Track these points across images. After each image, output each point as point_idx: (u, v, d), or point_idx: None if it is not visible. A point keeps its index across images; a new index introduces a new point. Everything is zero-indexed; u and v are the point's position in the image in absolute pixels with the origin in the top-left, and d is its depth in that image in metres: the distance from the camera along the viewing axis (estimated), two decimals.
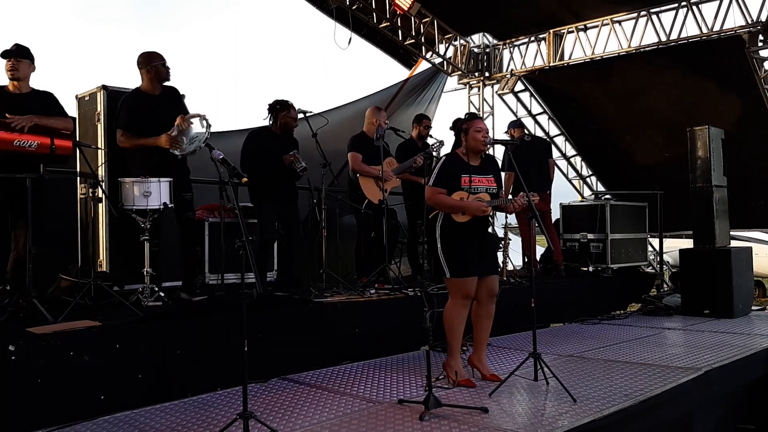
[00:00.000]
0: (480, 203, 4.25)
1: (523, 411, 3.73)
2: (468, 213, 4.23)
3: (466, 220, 4.24)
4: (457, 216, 4.24)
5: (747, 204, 9.78)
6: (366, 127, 6.69)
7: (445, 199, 4.23)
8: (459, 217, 4.24)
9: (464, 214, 4.23)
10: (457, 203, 4.23)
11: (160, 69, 5.19)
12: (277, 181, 5.83)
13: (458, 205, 4.23)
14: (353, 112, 9.07)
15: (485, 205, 4.25)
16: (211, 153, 4.74)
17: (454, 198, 4.23)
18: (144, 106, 5.14)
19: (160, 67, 5.19)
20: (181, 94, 5.37)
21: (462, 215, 4.23)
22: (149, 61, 5.19)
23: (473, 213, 4.22)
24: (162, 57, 5.22)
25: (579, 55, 10.38)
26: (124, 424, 3.62)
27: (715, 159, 7.75)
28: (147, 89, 5.23)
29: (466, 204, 4.22)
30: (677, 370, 4.66)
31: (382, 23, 9.80)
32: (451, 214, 4.25)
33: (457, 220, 4.24)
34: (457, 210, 4.24)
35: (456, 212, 4.24)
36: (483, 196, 4.30)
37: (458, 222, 4.23)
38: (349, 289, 6.01)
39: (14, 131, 4.34)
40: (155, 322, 4.27)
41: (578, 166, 12.18)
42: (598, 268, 8.20)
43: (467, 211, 4.22)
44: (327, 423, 3.56)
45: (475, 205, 4.23)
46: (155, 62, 5.18)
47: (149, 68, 5.18)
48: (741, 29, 8.82)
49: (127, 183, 4.91)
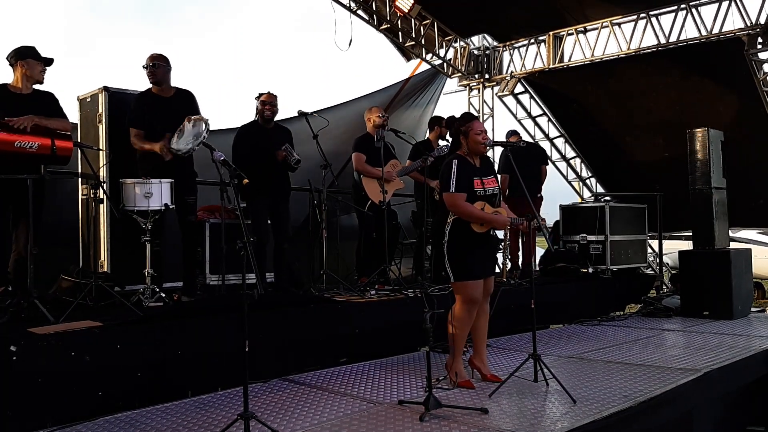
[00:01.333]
0: (504, 218, 4.27)
1: (523, 412, 3.74)
2: (486, 225, 4.24)
3: (484, 230, 4.25)
4: (476, 226, 4.23)
5: (747, 204, 9.81)
6: (368, 127, 6.70)
7: (470, 208, 4.19)
8: (477, 227, 4.23)
9: (482, 225, 4.24)
10: (483, 215, 4.21)
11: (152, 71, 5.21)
12: (269, 176, 5.72)
13: (484, 217, 4.22)
14: (353, 112, 9.08)
15: (507, 221, 4.28)
16: (212, 154, 4.76)
17: (477, 207, 4.21)
18: (153, 107, 5.19)
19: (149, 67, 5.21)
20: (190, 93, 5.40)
21: (480, 226, 4.24)
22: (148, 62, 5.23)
23: (497, 227, 4.25)
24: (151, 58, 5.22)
25: (579, 57, 10.39)
26: (125, 424, 3.62)
27: (714, 161, 7.76)
28: (156, 91, 5.29)
29: (492, 218, 4.23)
30: (677, 372, 4.67)
31: (383, 25, 9.82)
32: (470, 223, 4.23)
33: (476, 230, 4.23)
34: (482, 221, 4.23)
35: (477, 222, 4.23)
36: (502, 211, 4.31)
37: (475, 231, 4.23)
38: (349, 290, 6.02)
39: (16, 132, 4.36)
40: (156, 322, 4.28)
41: (578, 168, 12.20)
42: (597, 270, 8.21)
43: (487, 224, 4.24)
44: (327, 423, 3.57)
45: (499, 219, 4.25)
46: (147, 63, 5.22)
47: (147, 71, 5.23)
48: (740, 31, 8.84)
49: (129, 184, 4.92)
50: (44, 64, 4.71)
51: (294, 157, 5.69)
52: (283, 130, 6.00)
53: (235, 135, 5.91)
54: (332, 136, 7.34)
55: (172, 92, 5.32)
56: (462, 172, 4.24)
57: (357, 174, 6.52)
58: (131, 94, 5.55)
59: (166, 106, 5.22)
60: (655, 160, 10.65)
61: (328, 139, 6.69)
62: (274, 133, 5.88)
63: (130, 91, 5.60)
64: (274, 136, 5.85)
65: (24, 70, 4.64)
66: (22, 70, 4.64)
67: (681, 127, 8.38)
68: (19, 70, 4.65)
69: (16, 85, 4.67)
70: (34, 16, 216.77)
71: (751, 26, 8.74)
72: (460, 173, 4.23)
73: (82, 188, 5.65)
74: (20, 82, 4.66)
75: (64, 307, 4.27)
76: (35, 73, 4.67)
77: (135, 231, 4.97)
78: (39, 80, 4.72)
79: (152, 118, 5.16)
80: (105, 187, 5.16)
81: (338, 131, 7.84)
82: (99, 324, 4.04)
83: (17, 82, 4.67)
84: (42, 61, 4.69)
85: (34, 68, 4.66)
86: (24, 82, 4.66)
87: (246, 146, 5.76)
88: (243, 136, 5.85)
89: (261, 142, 5.76)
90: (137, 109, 5.24)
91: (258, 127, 5.89)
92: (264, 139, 5.79)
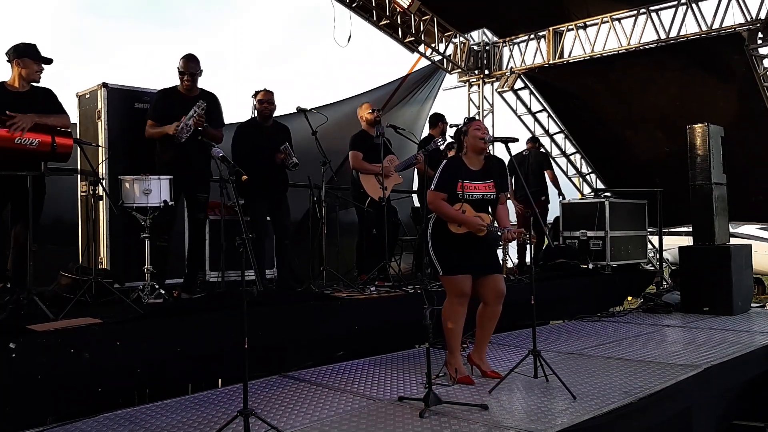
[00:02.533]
0: (478, 222, 4.19)
1: (523, 408, 3.74)
2: (464, 227, 4.22)
3: (462, 232, 4.22)
4: (453, 226, 4.22)
5: (746, 199, 9.82)
6: (362, 125, 6.68)
7: (446, 207, 4.20)
8: (455, 227, 4.22)
9: (460, 227, 4.22)
10: (456, 215, 4.20)
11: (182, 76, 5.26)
12: (267, 174, 5.71)
13: (457, 218, 4.20)
14: (351, 108, 9.08)
15: (483, 227, 4.20)
16: (211, 150, 4.75)
17: (456, 208, 4.21)
18: (171, 102, 5.22)
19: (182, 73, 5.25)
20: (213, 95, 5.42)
21: (458, 227, 4.22)
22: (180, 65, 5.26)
23: (469, 228, 4.21)
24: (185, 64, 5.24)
25: (579, 53, 10.39)
26: (125, 421, 3.62)
27: (714, 157, 7.75)
28: (181, 89, 5.32)
29: (465, 218, 4.19)
30: (677, 368, 4.67)
31: (382, 20, 9.80)
32: (447, 223, 4.23)
33: (452, 230, 4.21)
34: (456, 222, 4.22)
35: (453, 223, 4.23)
36: (484, 217, 4.26)
37: (452, 231, 4.21)
38: (349, 287, 6.01)
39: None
40: (155, 319, 4.28)
41: (578, 164, 12.20)
42: (597, 266, 8.21)
43: (464, 225, 4.22)
44: (327, 420, 3.57)
45: (473, 222, 4.19)
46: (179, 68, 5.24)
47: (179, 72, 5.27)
48: (740, 27, 8.83)
49: (128, 181, 4.92)
50: (42, 64, 4.66)
51: (292, 160, 5.67)
52: (281, 128, 5.99)
53: (234, 132, 5.87)
54: (329, 133, 7.33)
55: (197, 92, 5.32)
56: (447, 172, 4.26)
57: (355, 171, 6.51)
58: (131, 91, 5.54)
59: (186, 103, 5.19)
60: (655, 155, 10.66)
61: (327, 136, 6.68)
62: (272, 130, 5.87)
63: (129, 88, 5.60)
64: (272, 134, 5.83)
65: (20, 69, 4.60)
66: (18, 69, 4.60)
67: (681, 122, 8.37)
68: (15, 68, 4.61)
69: (13, 83, 4.63)
70: (33, 13, 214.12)
71: (751, 21, 8.73)
72: (444, 173, 4.27)
73: (81, 185, 5.65)
74: (17, 81, 4.62)
75: (63, 304, 4.26)
76: (31, 72, 4.62)
77: (134, 228, 4.97)
78: (35, 80, 4.67)
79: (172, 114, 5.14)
80: (104, 184, 5.15)
81: (336, 129, 7.83)
82: (98, 321, 4.03)
83: (14, 80, 4.63)
84: (40, 61, 4.64)
85: (31, 67, 4.61)
86: (20, 80, 4.62)
87: (244, 145, 5.74)
88: (241, 134, 5.82)
89: (259, 140, 5.74)
90: (159, 104, 5.25)
91: (256, 124, 5.87)
92: (262, 137, 5.77)
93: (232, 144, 5.78)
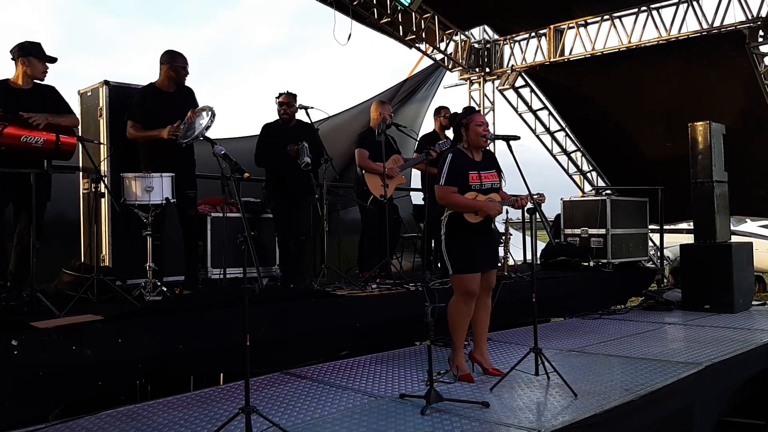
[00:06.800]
0: (495, 204, 4.23)
1: (524, 405, 3.74)
2: (481, 213, 4.21)
3: (479, 220, 4.22)
4: (470, 216, 4.21)
5: (750, 194, 9.83)
6: (372, 122, 6.68)
7: (459, 198, 4.19)
8: (472, 217, 4.21)
9: (477, 215, 4.22)
10: (473, 203, 4.20)
11: (180, 71, 5.30)
12: (287, 174, 5.81)
13: (474, 205, 4.19)
14: (358, 110, 9.11)
15: (500, 206, 4.25)
16: (213, 148, 4.75)
17: (468, 197, 4.22)
18: (157, 101, 5.21)
19: (181, 69, 5.30)
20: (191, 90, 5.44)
21: (475, 215, 4.22)
22: (172, 60, 5.28)
23: (488, 213, 4.21)
24: (185, 60, 5.31)
25: (579, 51, 10.39)
26: (126, 418, 3.63)
27: (715, 154, 7.74)
28: (162, 86, 5.32)
29: (483, 204, 4.20)
30: (678, 365, 4.67)
31: (383, 19, 9.79)
32: (463, 214, 4.22)
33: (469, 220, 4.21)
34: (473, 210, 4.21)
35: (470, 212, 4.22)
36: (494, 197, 4.28)
37: (470, 222, 4.22)
38: (350, 284, 6.02)
39: (26, 127, 4.35)
40: (157, 316, 4.28)
41: (579, 162, 12.19)
42: (599, 263, 8.21)
43: (481, 212, 4.22)
44: (329, 417, 3.57)
45: (490, 206, 4.21)
46: (177, 63, 5.28)
47: (171, 67, 5.28)
48: (741, 24, 8.83)
49: (130, 178, 4.92)
50: (47, 63, 4.67)
51: (303, 159, 5.68)
52: (305, 128, 6.05)
53: (260, 131, 6.10)
54: (338, 137, 7.38)
55: (173, 88, 5.33)
56: (455, 165, 4.24)
57: (360, 169, 6.50)
58: (132, 88, 5.54)
59: (169, 101, 5.22)
60: (657, 153, 10.66)
61: (333, 139, 6.72)
62: (294, 130, 5.96)
63: (130, 85, 5.60)
64: (294, 134, 5.91)
65: (25, 67, 4.61)
66: (23, 67, 4.61)
67: (682, 119, 8.37)
68: (20, 66, 4.62)
69: (17, 81, 4.64)
70: (33, 11, 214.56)
71: (752, 19, 8.74)
72: (453, 167, 4.23)
73: (83, 182, 5.65)
74: (21, 79, 4.63)
75: (65, 301, 4.27)
76: (36, 71, 4.64)
77: (136, 225, 4.97)
78: (40, 79, 4.69)
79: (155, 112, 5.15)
80: (106, 181, 5.15)
81: (344, 135, 7.90)
82: (100, 318, 4.04)
83: (18, 78, 4.64)
84: (45, 60, 4.66)
85: (36, 67, 4.63)
86: (24, 78, 4.63)
87: (267, 144, 5.92)
88: (264, 133, 6.02)
89: (280, 140, 5.85)
90: (140, 103, 5.24)
91: (279, 125, 6.03)
92: (283, 137, 5.88)
93: (256, 143, 5.99)
